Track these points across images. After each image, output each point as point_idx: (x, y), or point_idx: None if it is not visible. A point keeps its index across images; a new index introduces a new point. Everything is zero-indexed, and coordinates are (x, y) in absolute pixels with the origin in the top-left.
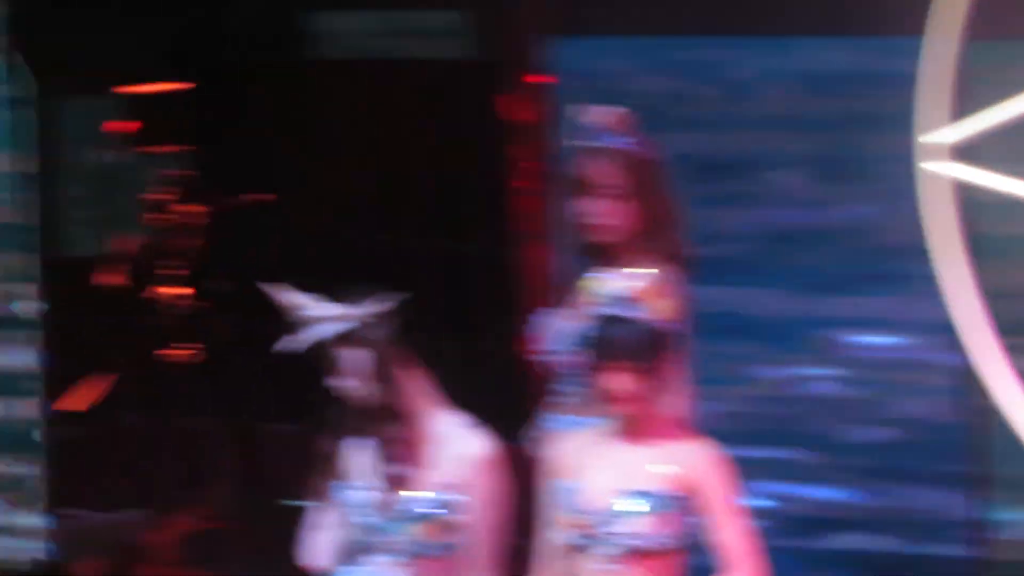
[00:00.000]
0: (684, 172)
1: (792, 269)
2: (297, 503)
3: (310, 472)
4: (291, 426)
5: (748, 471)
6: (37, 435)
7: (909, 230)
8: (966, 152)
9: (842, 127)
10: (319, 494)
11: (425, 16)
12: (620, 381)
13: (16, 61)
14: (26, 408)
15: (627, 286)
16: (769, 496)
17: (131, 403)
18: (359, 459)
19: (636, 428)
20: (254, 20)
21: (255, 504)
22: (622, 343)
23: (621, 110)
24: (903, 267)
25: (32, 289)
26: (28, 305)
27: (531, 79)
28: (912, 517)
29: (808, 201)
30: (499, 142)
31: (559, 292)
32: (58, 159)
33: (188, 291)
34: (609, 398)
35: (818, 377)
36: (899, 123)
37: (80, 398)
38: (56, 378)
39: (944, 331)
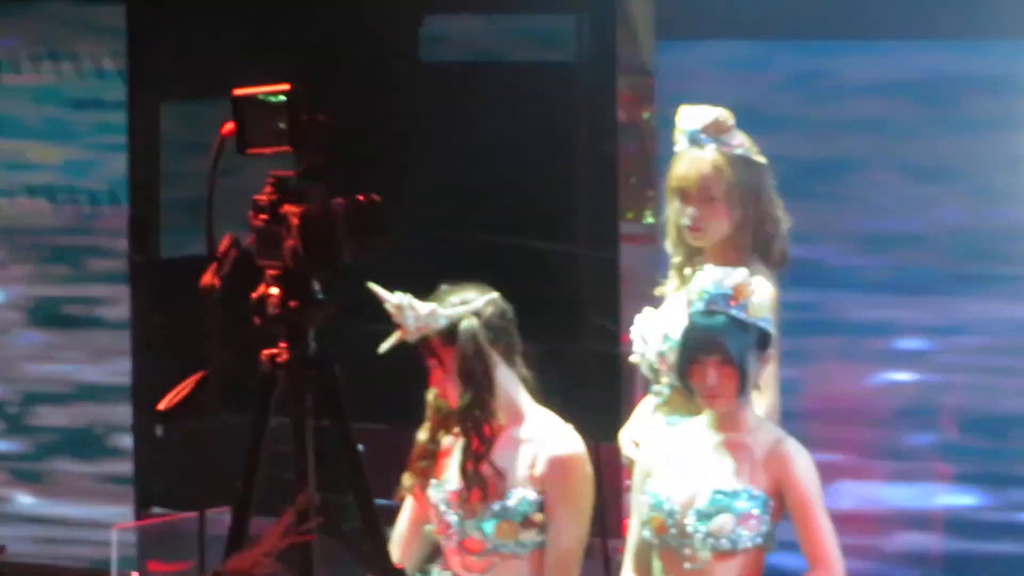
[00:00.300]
0: (783, 174)
1: (885, 272)
2: (391, 502)
3: (403, 471)
4: (385, 426)
5: (829, 471)
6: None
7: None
8: None
9: (939, 130)
10: (412, 492)
11: (533, 20)
12: (712, 377)
13: (111, 65)
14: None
15: (723, 284)
16: (848, 496)
17: (225, 405)
18: (449, 457)
19: (725, 426)
20: (363, 22)
21: (347, 503)
22: (716, 339)
23: (721, 112)
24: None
25: (123, 291)
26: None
27: (637, 81)
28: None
29: (904, 204)
30: (604, 143)
31: (657, 291)
32: (152, 162)
33: (285, 293)
34: (701, 394)
35: (905, 381)
36: (996, 126)
37: (171, 400)
38: (147, 380)
39: None
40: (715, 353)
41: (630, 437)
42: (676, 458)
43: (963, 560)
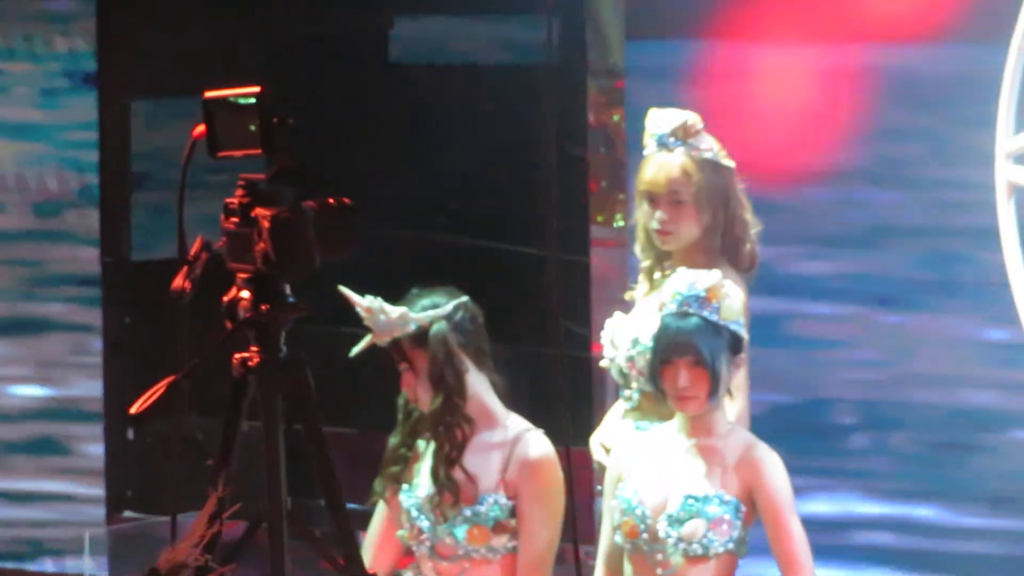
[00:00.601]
0: (751, 177)
1: (850, 277)
2: (362, 507)
3: (375, 475)
4: (357, 430)
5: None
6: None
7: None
8: None
9: (909, 133)
10: (384, 497)
11: (502, 22)
12: (684, 378)
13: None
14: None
15: (696, 286)
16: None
17: (196, 408)
18: (421, 462)
19: (696, 430)
20: (333, 24)
21: (319, 507)
22: (688, 340)
23: (690, 115)
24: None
25: (94, 294)
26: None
27: (607, 84)
28: None
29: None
30: (574, 146)
31: (627, 295)
32: (123, 163)
33: (257, 296)
34: (672, 396)
35: (858, 389)
36: (961, 129)
37: (143, 404)
38: (117, 382)
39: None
40: (687, 354)
41: (601, 442)
42: (648, 463)
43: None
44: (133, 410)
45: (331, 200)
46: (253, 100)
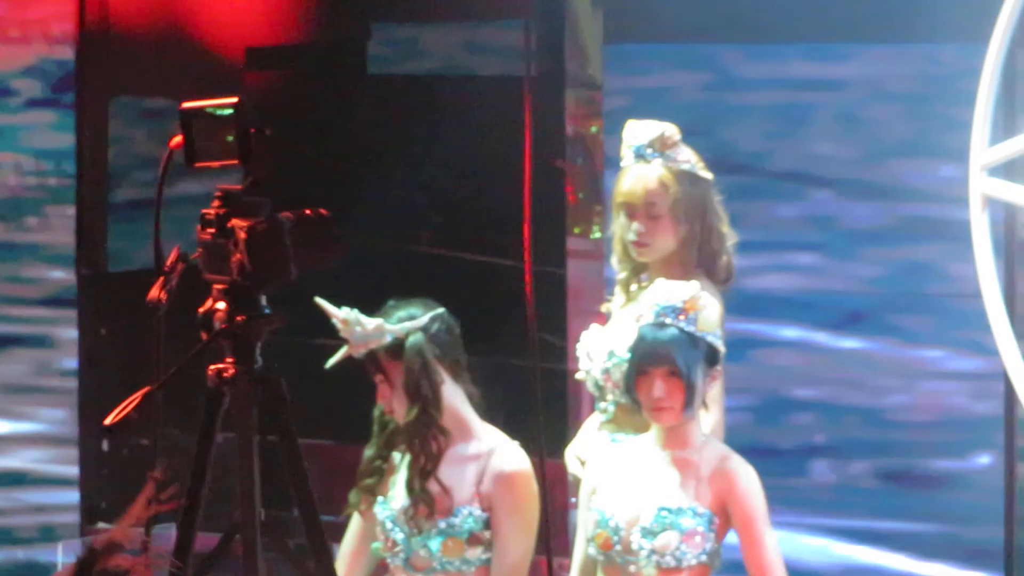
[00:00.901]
0: (727, 185)
1: (814, 293)
2: (337, 519)
3: (349, 487)
4: (332, 441)
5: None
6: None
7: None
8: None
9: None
10: (359, 509)
11: (481, 32)
12: (659, 389)
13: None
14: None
15: (674, 298)
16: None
17: (171, 419)
18: (396, 474)
19: (671, 442)
20: (311, 33)
21: (293, 520)
22: (664, 351)
23: (668, 127)
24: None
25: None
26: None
27: (585, 94)
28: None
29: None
30: (552, 157)
31: (603, 307)
32: (100, 173)
33: (232, 307)
34: (647, 407)
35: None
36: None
37: (117, 415)
38: (93, 394)
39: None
40: (663, 365)
41: (576, 454)
42: (622, 475)
43: None
44: (107, 421)
45: (308, 211)
46: (230, 111)
